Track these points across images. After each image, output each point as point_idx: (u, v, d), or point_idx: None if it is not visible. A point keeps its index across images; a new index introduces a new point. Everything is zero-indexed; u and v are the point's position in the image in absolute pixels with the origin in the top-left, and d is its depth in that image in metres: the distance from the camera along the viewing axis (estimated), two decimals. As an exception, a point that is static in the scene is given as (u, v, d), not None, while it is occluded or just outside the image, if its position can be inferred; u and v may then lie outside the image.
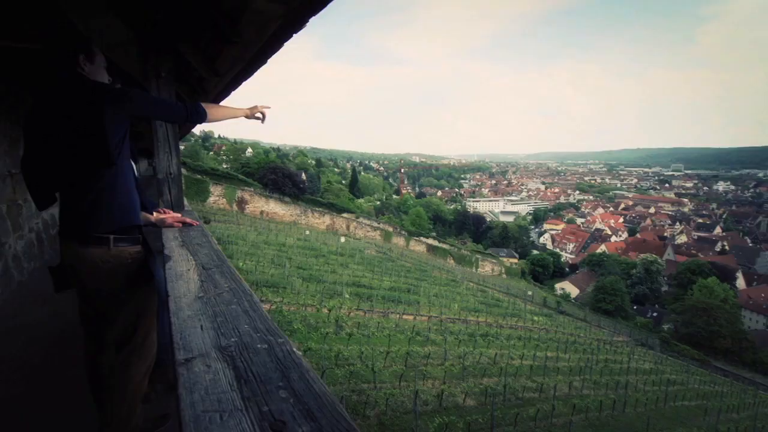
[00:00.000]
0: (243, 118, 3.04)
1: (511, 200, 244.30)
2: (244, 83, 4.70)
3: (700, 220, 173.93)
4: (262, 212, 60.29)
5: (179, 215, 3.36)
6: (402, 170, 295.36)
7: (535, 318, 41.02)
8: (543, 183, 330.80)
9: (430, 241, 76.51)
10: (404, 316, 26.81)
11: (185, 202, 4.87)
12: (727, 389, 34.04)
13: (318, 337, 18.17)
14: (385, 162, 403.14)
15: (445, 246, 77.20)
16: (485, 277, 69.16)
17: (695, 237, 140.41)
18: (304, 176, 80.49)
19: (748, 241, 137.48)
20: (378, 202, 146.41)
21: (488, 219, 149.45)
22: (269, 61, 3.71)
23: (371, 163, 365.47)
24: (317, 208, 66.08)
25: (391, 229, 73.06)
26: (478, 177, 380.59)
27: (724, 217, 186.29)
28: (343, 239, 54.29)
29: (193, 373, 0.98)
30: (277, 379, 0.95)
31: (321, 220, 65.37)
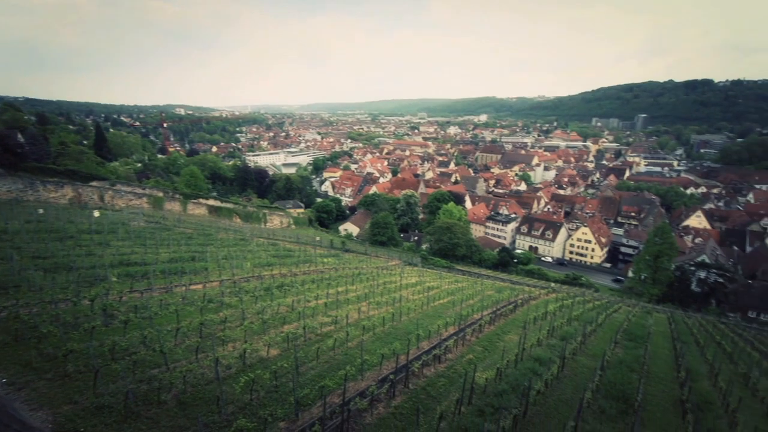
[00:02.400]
0: None
1: (291, 152, 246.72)
2: None
3: (440, 158, 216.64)
4: (-47, 192, 43.15)
5: None
6: (165, 125, 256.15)
7: (325, 260, 44.32)
8: (319, 133, 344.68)
9: (211, 201, 70.95)
10: (192, 287, 24.72)
11: None
12: (466, 284, 45.43)
13: (81, 334, 15.02)
14: (141, 116, 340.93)
15: (229, 205, 73.04)
16: (275, 230, 69.51)
17: (438, 172, 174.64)
18: (21, 137, 60.25)
19: (471, 171, 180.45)
20: (139, 164, 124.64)
21: (271, 173, 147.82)
22: None
23: (122, 117, 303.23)
24: (51, 179, 51.59)
25: (161, 194, 63.99)
26: (254, 130, 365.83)
27: (455, 154, 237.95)
28: (97, 213, 44.66)
29: None
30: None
31: (60, 193, 51.58)
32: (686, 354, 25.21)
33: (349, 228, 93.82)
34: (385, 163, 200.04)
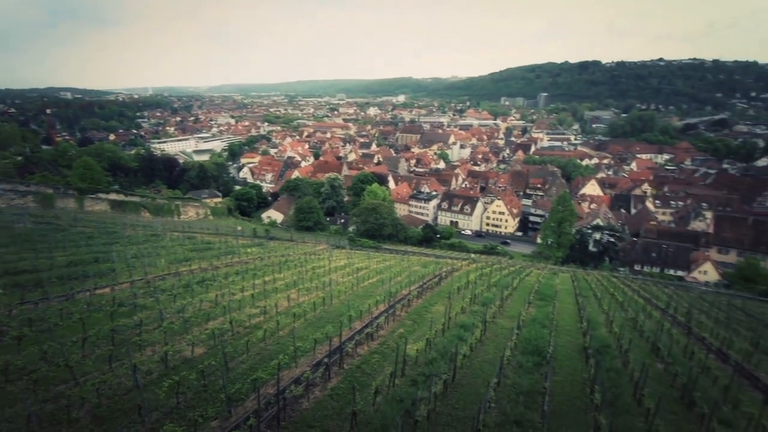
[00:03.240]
0: None
1: (203, 137, 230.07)
2: None
3: (362, 140, 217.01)
4: None
5: None
6: (48, 111, 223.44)
7: (249, 250, 42.62)
8: (232, 117, 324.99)
9: (113, 196, 64.17)
10: (98, 291, 22.40)
11: None
12: (394, 262, 46.66)
13: (-40, 358, 12.98)
14: (17, 101, 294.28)
15: (134, 199, 66.57)
16: (191, 222, 64.95)
17: (361, 154, 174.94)
18: None
19: (393, 152, 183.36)
20: (20, 158, 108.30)
21: (181, 161, 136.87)
22: None
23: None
24: None
25: (50, 191, 56.43)
26: (158, 114, 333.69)
27: (376, 135, 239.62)
28: (-33, 217, 38.26)
29: None
30: None
31: None
32: (587, 307, 28.59)
33: (273, 215, 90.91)
34: (306, 146, 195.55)
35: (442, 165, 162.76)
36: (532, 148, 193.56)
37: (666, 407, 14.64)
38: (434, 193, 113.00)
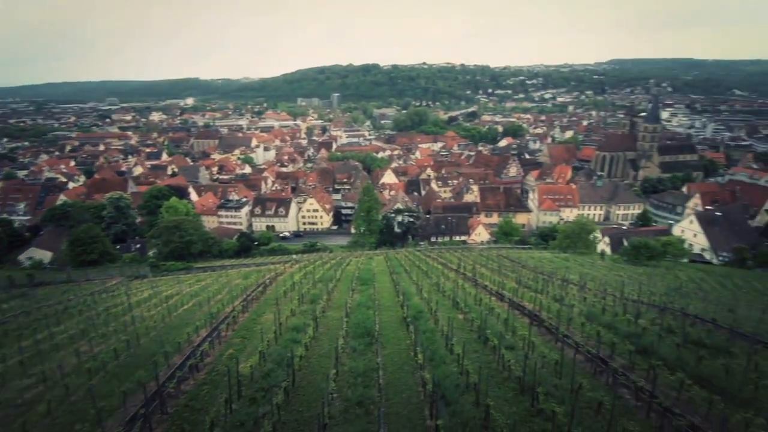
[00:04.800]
0: None
1: None
2: None
3: (148, 150, 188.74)
4: None
5: None
6: None
7: (4, 307, 32.57)
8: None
9: None
10: None
11: None
12: (210, 280, 42.72)
13: None
14: None
15: None
16: None
17: (149, 166, 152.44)
18: None
19: (189, 160, 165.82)
20: None
21: None
22: None
23: None
24: None
25: None
26: None
27: (165, 143, 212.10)
28: None
29: None
30: None
31: None
32: (400, 282, 32.19)
33: (37, 254, 71.32)
34: (72, 163, 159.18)
35: (248, 170, 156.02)
36: (334, 146, 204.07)
37: (470, 348, 17.83)
38: (245, 199, 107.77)
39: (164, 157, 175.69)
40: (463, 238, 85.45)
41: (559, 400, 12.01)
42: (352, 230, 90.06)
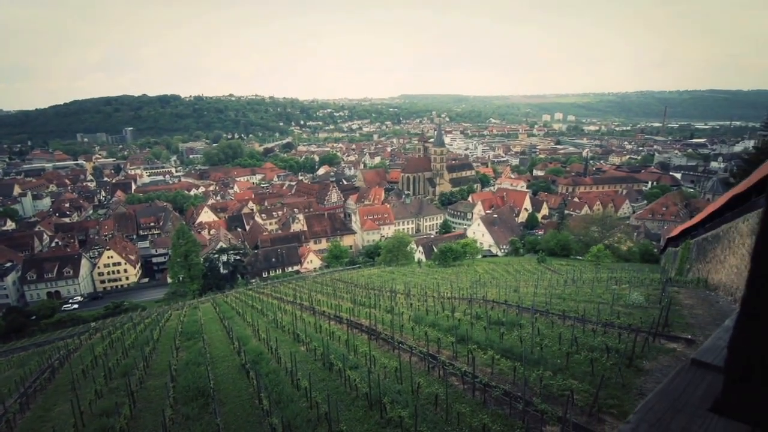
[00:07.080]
0: None
1: None
2: None
3: None
4: None
5: None
6: None
7: None
8: None
9: None
10: None
11: None
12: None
13: None
14: None
15: None
16: None
17: None
18: None
19: None
20: None
21: None
22: None
23: None
24: None
25: None
26: None
27: None
28: None
29: None
30: None
31: None
32: (233, 326, 29.70)
33: None
34: None
35: (11, 225, 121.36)
36: (133, 186, 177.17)
37: (316, 378, 17.61)
38: (8, 264, 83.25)
39: None
40: (296, 268, 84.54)
41: (404, 405, 12.92)
42: (169, 280, 79.10)
